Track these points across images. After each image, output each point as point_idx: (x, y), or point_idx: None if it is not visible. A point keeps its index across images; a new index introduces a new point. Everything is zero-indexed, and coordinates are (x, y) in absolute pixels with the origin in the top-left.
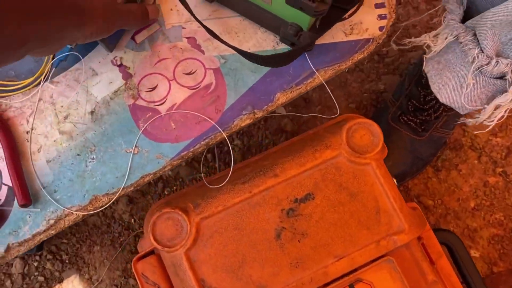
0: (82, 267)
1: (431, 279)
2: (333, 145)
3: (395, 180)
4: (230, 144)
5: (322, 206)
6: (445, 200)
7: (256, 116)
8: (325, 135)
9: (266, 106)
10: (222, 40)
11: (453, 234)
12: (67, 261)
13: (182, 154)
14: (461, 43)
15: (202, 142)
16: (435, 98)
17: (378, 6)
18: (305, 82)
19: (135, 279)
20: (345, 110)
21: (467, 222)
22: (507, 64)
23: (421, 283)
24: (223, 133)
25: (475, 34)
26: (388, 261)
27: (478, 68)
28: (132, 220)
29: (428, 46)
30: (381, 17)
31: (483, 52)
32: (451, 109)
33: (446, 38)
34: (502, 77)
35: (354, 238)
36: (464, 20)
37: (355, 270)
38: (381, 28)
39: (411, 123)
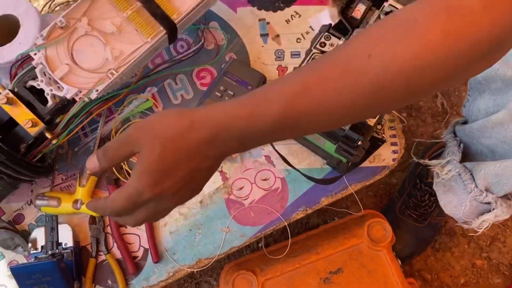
0: None
1: None
2: (357, 235)
3: (399, 261)
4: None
5: (348, 277)
6: (440, 276)
7: (308, 212)
8: (352, 227)
9: (314, 206)
10: (290, 164)
11: None
12: None
13: (257, 235)
14: (461, 178)
15: (270, 227)
16: (428, 198)
17: (393, 144)
18: (341, 192)
19: None
20: (365, 196)
21: None
22: (492, 197)
23: None
24: (285, 222)
25: (471, 173)
26: None
27: (474, 196)
28: (195, 271)
29: (437, 173)
30: (394, 152)
31: (477, 187)
32: None
33: (450, 171)
34: (489, 203)
35: None
36: None
37: None
38: (393, 160)
39: (413, 215)
